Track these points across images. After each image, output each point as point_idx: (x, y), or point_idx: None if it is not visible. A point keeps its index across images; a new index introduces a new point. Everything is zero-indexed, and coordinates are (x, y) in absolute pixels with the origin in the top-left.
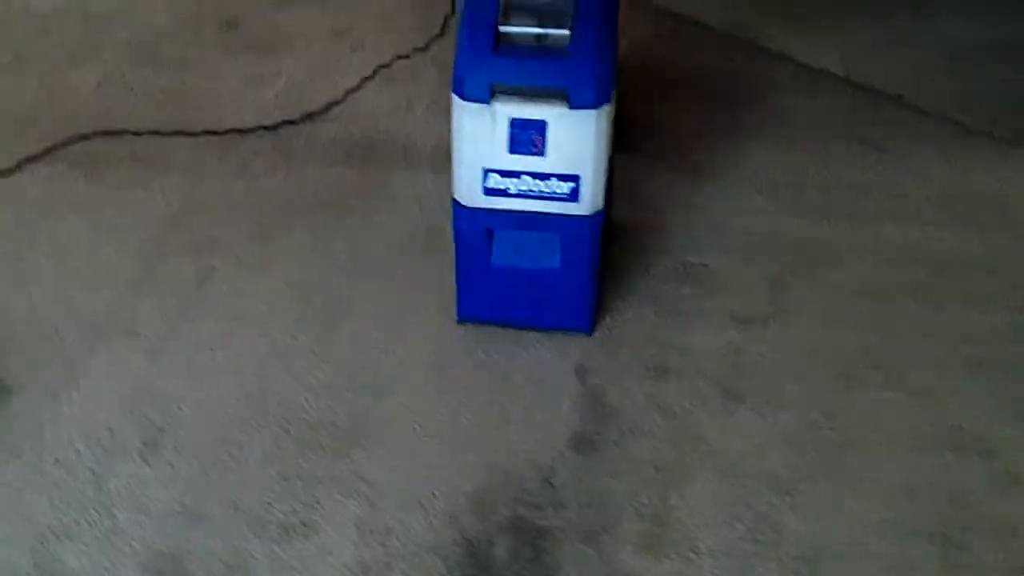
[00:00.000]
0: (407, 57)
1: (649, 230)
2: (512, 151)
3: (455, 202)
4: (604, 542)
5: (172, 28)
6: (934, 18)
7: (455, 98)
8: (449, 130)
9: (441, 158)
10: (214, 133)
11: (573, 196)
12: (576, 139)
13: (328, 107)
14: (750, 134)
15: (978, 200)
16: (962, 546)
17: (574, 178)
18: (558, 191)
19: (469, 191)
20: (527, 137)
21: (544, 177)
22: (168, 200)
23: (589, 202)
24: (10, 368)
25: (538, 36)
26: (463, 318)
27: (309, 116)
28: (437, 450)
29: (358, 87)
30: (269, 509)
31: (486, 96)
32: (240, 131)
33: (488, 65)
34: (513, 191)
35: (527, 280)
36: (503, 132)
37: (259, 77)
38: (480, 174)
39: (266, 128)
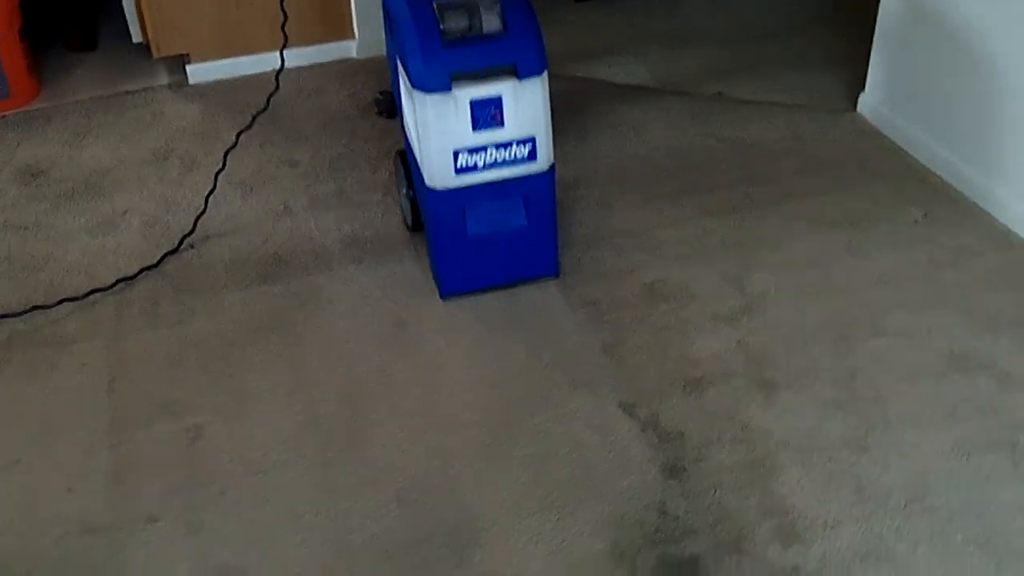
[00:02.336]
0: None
1: (594, 266)
2: (476, 129)
3: (429, 190)
4: (749, 548)
5: None
6: (688, 18)
7: (418, 93)
8: (337, 223)
9: (355, 250)
10: (100, 290)
11: (532, 156)
12: (528, 105)
13: (196, 221)
14: (627, 155)
15: (840, 162)
16: (1015, 445)
17: (531, 139)
18: (519, 155)
19: (441, 175)
20: (487, 113)
21: (506, 145)
22: (95, 374)
23: (545, 158)
24: None
25: (474, 26)
26: (447, 294)
27: (186, 239)
28: (550, 522)
29: (214, 194)
30: None
31: (447, 85)
32: (127, 279)
33: (443, 57)
34: (481, 165)
35: (500, 243)
36: (465, 114)
37: (105, 220)
38: (450, 157)
39: (151, 267)
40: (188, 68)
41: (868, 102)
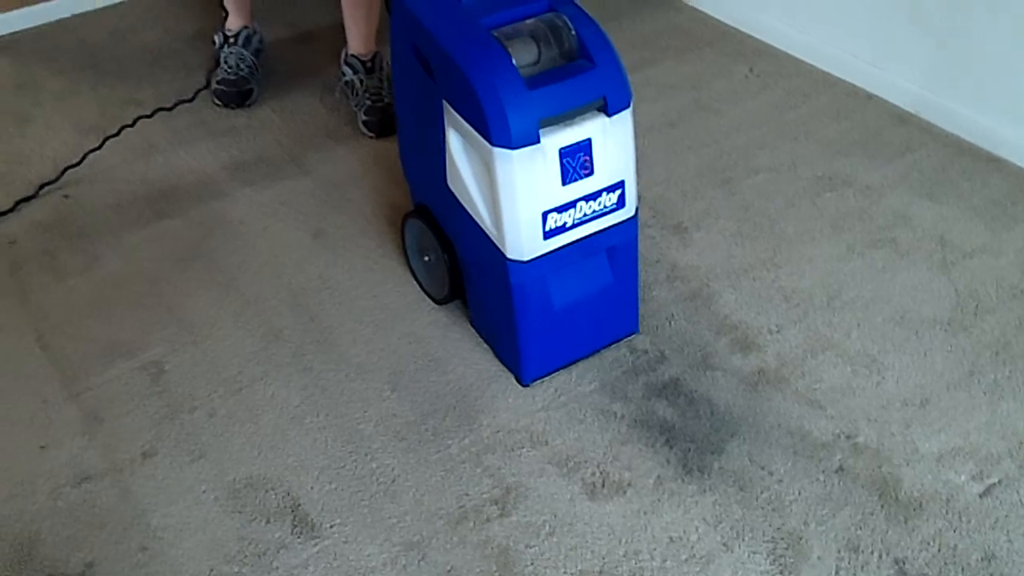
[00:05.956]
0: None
1: None
2: (566, 182)
3: (511, 263)
4: (716, 363)
5: None
6: None
7: (500, 152)
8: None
9: (243, 173)
10: None
11: (621, 203)
12: (618, 145)
13: (64, 170)
14: None
15: (662, 34)
16: (894, 240)
17: (620, 184)
18: (608, 204)
19: (529, 243)
20: (577, 162)
21: (595, 196)
22: (17, 333)
23: (631, 203)
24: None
25: (544, 58)
26: (530, 380)
27: (56, 189)
28: (545, 387)
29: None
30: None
31: (535, 135)
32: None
33: (529, 102)
34: (571, 223)
35: (585, 308)
36: (555, 166)
37: None
38: (539, 220)
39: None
40: None
41: None
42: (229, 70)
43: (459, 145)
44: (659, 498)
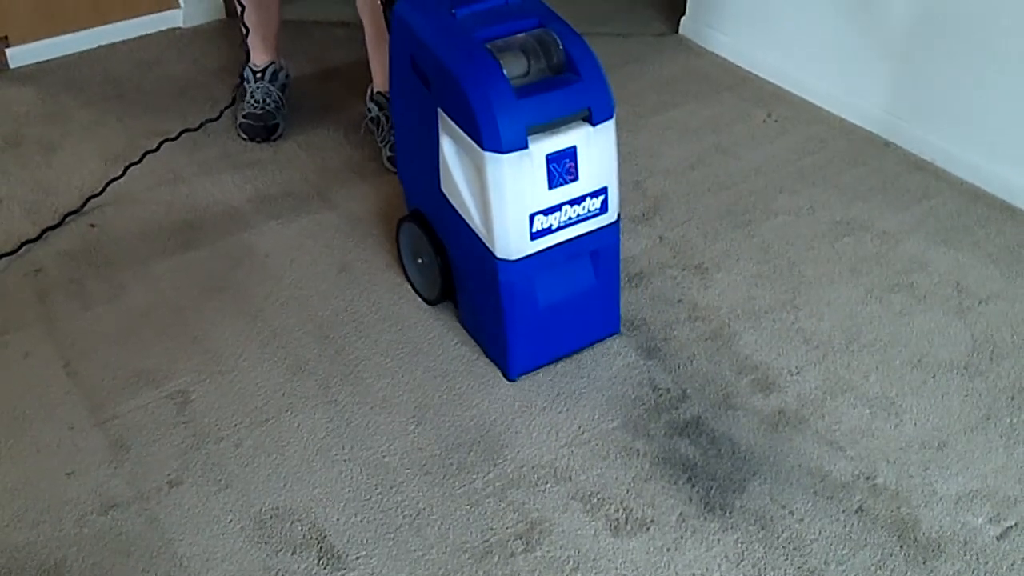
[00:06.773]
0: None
1: None
2: (552, 187)
3: (500, 262)
4: (737, 402)
5: None
6: None
7: (490, 156)
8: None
9: (269, 206)
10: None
11: (604, 208)
12: (601, 153)
13: (87, 200)
14: None
15: (680, 79)
16: (912, 285)
17: (603, 190)
18: (591, 209)
19: (517, 244)
20: (563, 168)
21: (579, 200)
22: (45, 360)
23: (614, 208)
24: None
25: (533, 70)
26: (517, 375)
27: (81, 218)
28: (561, 413)
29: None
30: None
31: (524, 142)
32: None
33: (519, 110)
34: (556, 226)
35: (569, 308)
36: (541, 171)
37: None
38: (526, 221)
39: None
40: (8, 52)
41: (689, 24)
42: (255, 105)
43: (452, 150)
44: (682, 535)
